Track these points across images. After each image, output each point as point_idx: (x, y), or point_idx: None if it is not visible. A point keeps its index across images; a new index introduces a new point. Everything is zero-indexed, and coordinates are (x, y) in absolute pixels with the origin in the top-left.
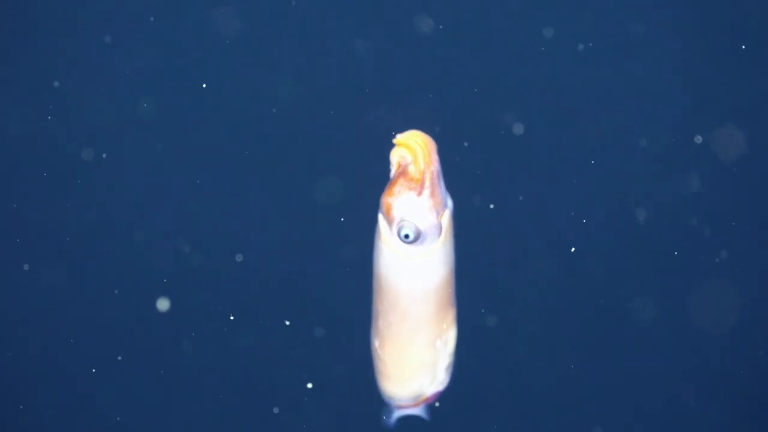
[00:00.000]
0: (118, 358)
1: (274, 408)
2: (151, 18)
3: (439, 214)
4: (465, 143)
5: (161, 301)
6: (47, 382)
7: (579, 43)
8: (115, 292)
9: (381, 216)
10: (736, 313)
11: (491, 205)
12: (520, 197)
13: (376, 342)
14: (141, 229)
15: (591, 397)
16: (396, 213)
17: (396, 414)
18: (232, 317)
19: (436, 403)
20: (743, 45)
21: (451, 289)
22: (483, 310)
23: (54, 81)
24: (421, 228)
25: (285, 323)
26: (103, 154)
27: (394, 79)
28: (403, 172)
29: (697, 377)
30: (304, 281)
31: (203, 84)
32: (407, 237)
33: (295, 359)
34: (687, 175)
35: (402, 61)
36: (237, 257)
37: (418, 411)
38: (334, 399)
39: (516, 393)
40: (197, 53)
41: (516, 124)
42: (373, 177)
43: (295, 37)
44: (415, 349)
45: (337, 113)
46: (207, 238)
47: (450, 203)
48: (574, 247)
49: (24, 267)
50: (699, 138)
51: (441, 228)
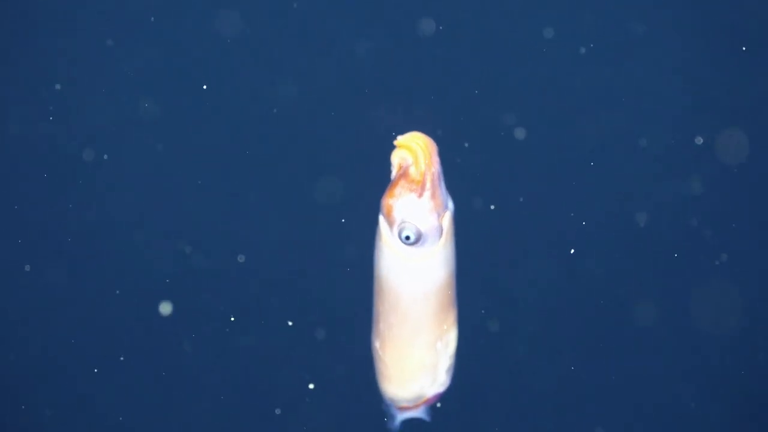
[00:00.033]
0: (120, 358)
1: (276, 409)
2: (152, 18)
3: (440, 215)
4: (465, 144)
5: (164, 305)
6: (50, 382)
7: (579, 44)
8: (117, 292)
9: (382, 217)
10: (736, 314)
11: (492, 206)
12: (520, 198)
13: (377, 343)
14: (142, 230)
15: (591, 397)
16: (397, 215)
17: (397, 416)
18: (233, 318)
19: (437, 404)
20: (744, 45)
21: (452, 291)
22: (483, 311)
23: (56, 82)
24: (422, 230)
25: (288, 324)
26: (105, 155)
27: (394, 80)
28: (404, 173)
29: (697, 377)
30: (305, 282)
31: (205, 84)
32: (408, 239)
33: (297, 360)
34: (687, 176)
35: (403, 62)
36: (239, 258)
37: (419, 412)
38: (335, 400)
39: (516, 393)
40: (199, 54)
41: (516, 124)
42: (374, 178)
43: (296, 38)
44: (416, 351)
45: (338, 114)
46: (208, 238)
47: (451, 205)
48: (574, 248)
49: (26, 268)
50: (699, 139)
51: (442, 230)
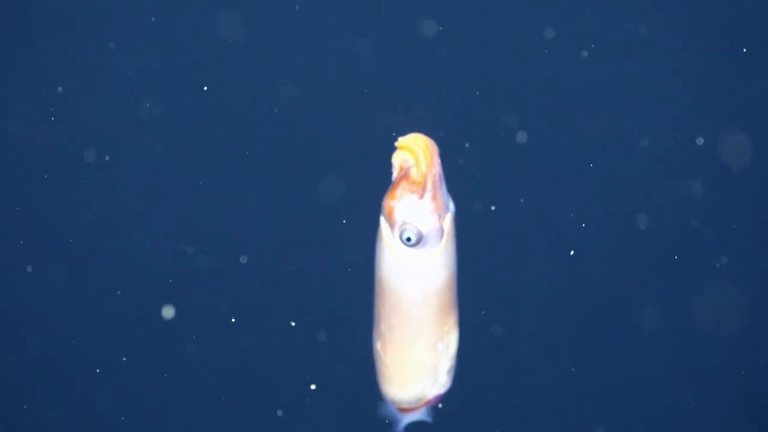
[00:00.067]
0: (122, 359)
1: (278, 411)
2: (152, 18)
3: (441, 217)
4: (466, 144)
5: (166, 309)
6: (52, 382)
7: (580, 45)
8: (118, 292)
9: (383, 219)
10: (736, 314)
11: (492, 207)
12: (521, 199)
13: (378, 345)
14: (144, 230)
15: (591, 398)
16: (398, 216)
17: (397, 417)
18: (234, 319)
19: (439, 405)
20: (745, 46)
21: (453, 292)
22: (483, 311)
23: (57, 82)
24: (423, 231)
25: (290, 324)
26: (106, 155)
27: (396, 81)
28: (405, 175)
29: (697, 377)
30: (306, 283)
31: (206, 85)
32: (409, 240)
33: (298, 361)
34: (687, 177)
35: (404, 63)
36: (241, 259)
37: (420, 414)
38: (336, 401)
39: (517, 394)
40: (200, 54)
41: (517, 125)
42: (375, 179)
43: (298, 40)
44: (417, 352)
45: (339, 115)
46: (210, 239)
47: (452, 206)
48: (574, 249)
49: (28, 268)
50: (700, 139)
51: (443, 231)
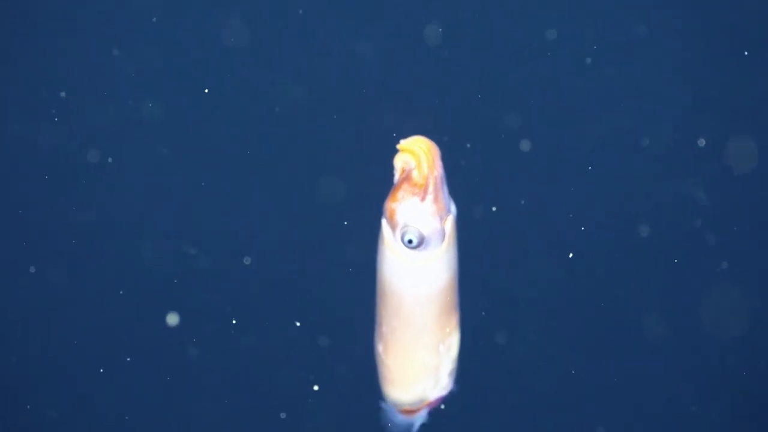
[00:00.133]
0: (125, 360)
1: (281, 413)
2: (154, 19)
3: (443, 219)
4: (468, 144)
5: (170, 316)
6: (53, 382)
7: (582, 47)
8: (120, 293)
9: (384, 221)
10: (736, 314)
11: (494, 208)
12: (522, 201)
13: (379, 347)
14: (145, 231)
15: (591, 398)
16: (399, 218)
17: (398, 418)
18: (235, 321)
19: (441, 406)
20: (747, 47)
21: (454, 294)
22: (483, 312)
23: (59, 84)
24: (425, 233)
25: (296, 324)
26: (109, 157)
27: (398, 83)
28: (407, 177)
29: (697, 377)
30: (308, 285)
31: (209, 86)
32: (411, 242)
33: (299, 362)
34: (689, 178)
35: (406, 66)
36: (245, 260)
37: (420, 415)
38: (338, 403)
39: (518, 395)
40: (202, 56)
41: (518, 126)
42: (377, 180)
43: (300, 41)
44: (419, 354)
45: (341, 116)
46: (212, 240)
47: (453, 208)
48: (576, 250)
49: (31, 269)
50: (702, 141)
51: (444, 233)
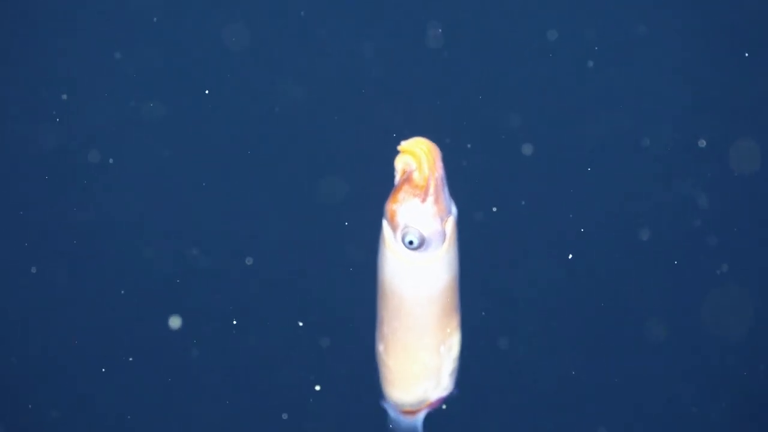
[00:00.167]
0: (127, 359)
1: (279, 411)
2: (154, 19)
3: (443, 220)
4: (468, 145)
5: (173, 320)
6: (54, 382)
7: (582, 47)
8: (121, 293)
9: (385, 222)
10: (737, 315)
11: (494, 208)
12: (522, 201)
13: (380, 347)
14: (146, 231)
15: (591, 398)
16: (400, 219)
17: (399, 419)
18: (236, 321)
19: (443, 407)
20: (747, 47)
21: (455, 295)
22: (484, 313)
23: (60, 84)
24: (426, 234)
25: (298, 324)
26: (110, 158)
27: (399, 84)
28: (408, 178)
29: (698, 378)
30: (309, 285)
31: (209, 86)
32: (411, 243)
33: (299, 363)
34: (690, 179)
35: (407, 67)
36: (246, 260)
37: (421, 416)
38: (338, 403)
39: (518, 395)
40: (203, 56)
41: (518, 127)
42: (378, 181)
43: (301, 42)
44: (420, 355)
45: (342, 117)
46: (213, 240)
47: (454, 209)
48: (576, 251)
49: (32, 270)
50: (702, 141)
51: (445, 234)
